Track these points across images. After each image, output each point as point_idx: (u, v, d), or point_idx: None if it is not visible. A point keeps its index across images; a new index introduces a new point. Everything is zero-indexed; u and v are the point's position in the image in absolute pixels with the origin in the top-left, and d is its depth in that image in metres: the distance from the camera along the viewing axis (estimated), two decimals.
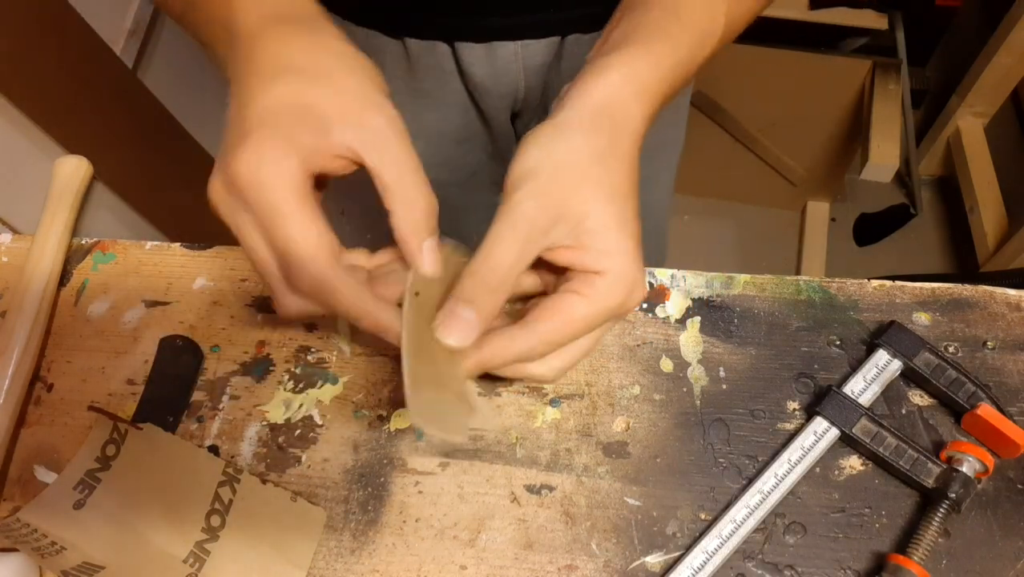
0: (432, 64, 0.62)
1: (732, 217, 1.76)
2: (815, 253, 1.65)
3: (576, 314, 0.35)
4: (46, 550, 0.38)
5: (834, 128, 1.50)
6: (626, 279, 0.35)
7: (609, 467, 0.46)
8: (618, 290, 0.35)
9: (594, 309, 0.35)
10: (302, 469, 0.46)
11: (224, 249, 0.54)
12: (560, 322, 0.35)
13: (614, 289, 0.35)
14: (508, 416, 0.47)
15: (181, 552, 0.40)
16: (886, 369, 0.46)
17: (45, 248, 0.52)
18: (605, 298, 0.35)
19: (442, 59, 0.61)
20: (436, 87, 0.64)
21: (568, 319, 0.35)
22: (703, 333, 0.50)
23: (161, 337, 0.50)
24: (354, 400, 0.48)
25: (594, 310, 0.35)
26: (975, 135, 1.59)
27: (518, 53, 0.60)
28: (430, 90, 0.64)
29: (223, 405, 0.48)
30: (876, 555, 0.43)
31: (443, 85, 0.64)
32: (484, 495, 0.45)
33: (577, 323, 0.35)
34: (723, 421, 0.47)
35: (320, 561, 0.43)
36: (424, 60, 0.61)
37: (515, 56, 0.60)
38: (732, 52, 1.39)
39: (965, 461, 0.42)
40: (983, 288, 0.50)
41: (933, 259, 1.71)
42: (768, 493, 0.43)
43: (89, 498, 0.39)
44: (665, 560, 0.43)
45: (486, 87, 0.63)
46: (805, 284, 0.51)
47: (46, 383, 0.50)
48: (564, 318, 0.35)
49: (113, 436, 0.40)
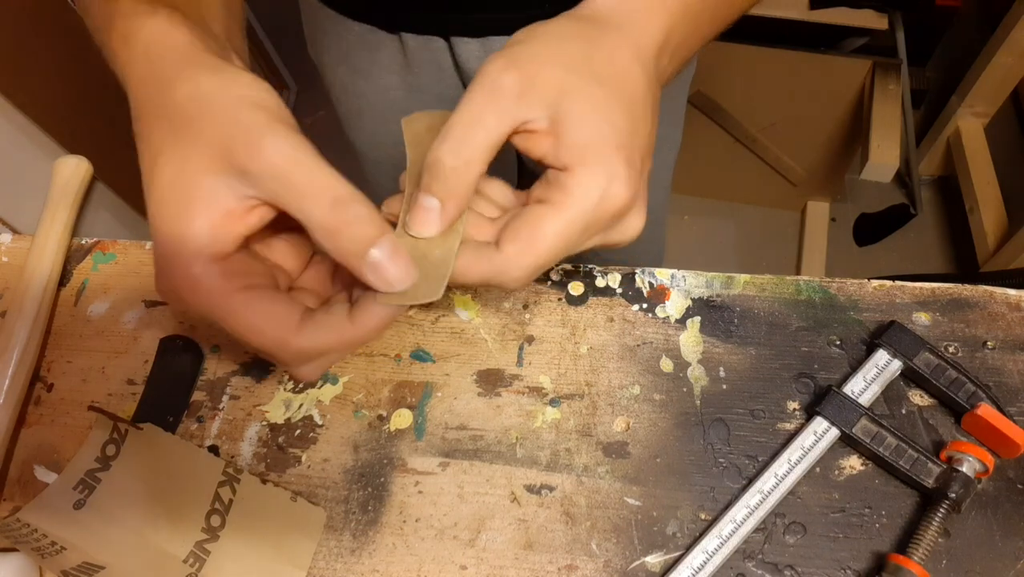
0: (428, 59, 0.62)
1: (732, 217, 1.76)
2: (815, 253, 1.65)
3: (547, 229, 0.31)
4: (46, 550, 0.38)
5: (834, 128, 1.50)
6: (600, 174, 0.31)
7: (609, 467, 0.46)
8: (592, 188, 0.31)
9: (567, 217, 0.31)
10: (302, 469, 0.46)
11: None
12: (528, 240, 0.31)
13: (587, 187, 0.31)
14: (508, 416, 0.47)
15: (181, 552, 0.40)
16: (886, 369, 0.46)
17: (45, 248, 0.52)
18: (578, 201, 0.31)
19: (438, 54, 0.61)
20: (433, 82, 0.64)
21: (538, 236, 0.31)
22: (703, 333, 0.50)
23: (161, 337, 0.50)
24: (354, 400, 0.48)
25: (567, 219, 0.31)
26: (975, 135, 1.59)
27: None
28: (427, 85, 0.64)
29: (223, 405, 0.48)
30: (876, 555, 0.43)
31: (439, 81, 0.64)
32: (484, 495, 0.45)
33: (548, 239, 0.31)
34: (723, 421, 0.47)
35: (320, 561, 0.43)
36: (420, 55, 0.61)
37: None
38: (732, 52, 1.39)
39: (965, 461, 0.42)
40: (983, 288, 0.50)
41: (933, 259, 1.71)
42: (768, 493, 0.43)
43: (89, 498, 0.39)
44: (665, 560, 0.43)
45: None
46: (805, 284, 0.51)
47: (46, 383, 0.50)
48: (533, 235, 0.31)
49: (113, 436, 0.40)
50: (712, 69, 1.42)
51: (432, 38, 0.60)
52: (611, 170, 0.31)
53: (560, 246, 0.32)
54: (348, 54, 0.64)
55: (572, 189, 0.31)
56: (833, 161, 1.59)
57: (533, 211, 0.32)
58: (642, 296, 0.51)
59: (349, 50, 0.64)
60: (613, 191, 0.31)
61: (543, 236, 0.31)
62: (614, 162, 0.31)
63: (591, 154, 0.31)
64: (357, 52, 0.63)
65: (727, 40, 1.37)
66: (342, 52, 0.65)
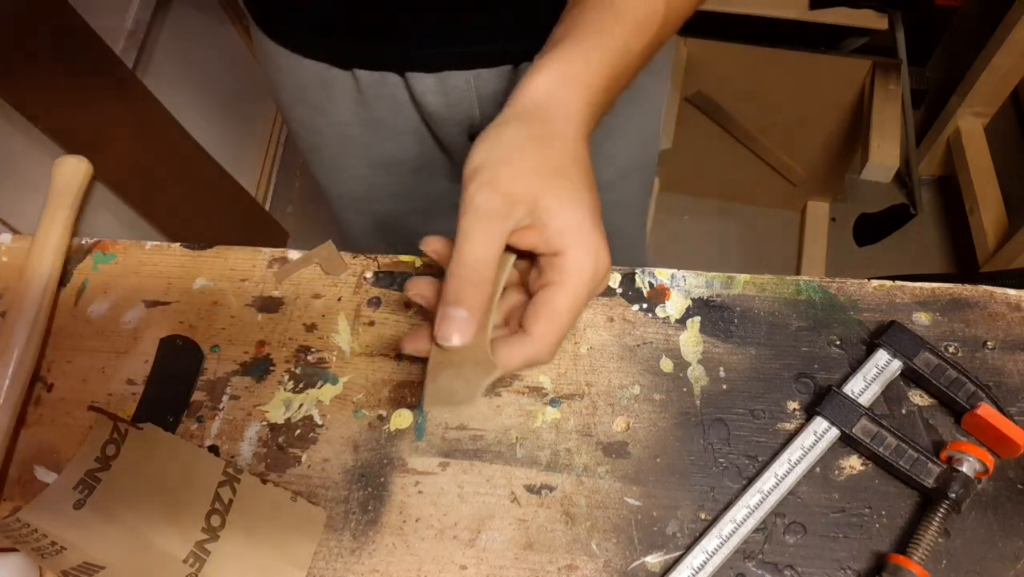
0: (384, 94, 0.62)
1: (732, 217, 1.76)
2: (815, 253, 1.65)
3: (561, 306, 0.36)
4: (46, 550, 0.38)
5: (834, 128, 1.50)
6: (587, 251, 0.37)
7: (609, 467, 0.46)
8: (585, 264, 0.37)
9: (572, 292, 0.37)
10: (302, 469, 0.46)
11: (224, 249, 0.54)
12: (549, 320, 0.36)
13: (580, 265, 0.36)
14: (508, 416, 0.47)
15: (181, 552, 0.40)
16: (886, 369, 0.46)
17: (45, 248, 0.52)
18: (576, 277, 0.37)
19: (394, 89, 0.61)
20: (389, 116, 0.64)
21: (556, 314, 0.36)
22: (703, 333, 0.50)
23: (161, 337, 0.50)
24: (354, 400, 0.48)
25: (573, 293, 0.37)
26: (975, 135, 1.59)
27: (470, 82, 0.60)
28: (383, 119, 0.64)
29: (223, 405, 0.48)
30: (876, 555, 0.43)
31: (396, 114, 0.64)
32: (484, 495, 0.45)
33: (564, 314, 0.37)
34: (723, 421, 0.47)
35: (320, 561, 0.44)
36: (375, 90, 0.61)
37: (468, 85, 0.60)
38: (732, 52, 1.39)
39: (965, 461, 0.42)
40: (983, 288, 0.50)
41: (933, 259, 1.70)
42: (768, 493, 0.43)
43: (89, 498, 0.39)
44: (665, 560, 0.43)
45: (441, 115, 0.62)
46: (805, 284, 0.51)
47: (46, 383, 0.50)
48: (551, 315, 0.36)
49: (113, 436, 0.40)
50: (712, 69, 1.42)
51: (386, 74, 0.60)
52: (594, 245, 0.37)
53: (574, 315, 0.37)
54: (304, 91, 0.64)
55: (569, 269, 0.36)
56: (833, 161, 1.59)
57: (544, 294, 0.37)
58: (642, 296, 0.51)
59: (304, 87, 0.64)
60: (601, 260, 0.37)
61: (559, 312, 0.36)
62: (593, 238, 0.37)
63: (574, 237, 0.37)
64: (312, 89, 0.63)
65: (727, 40, 1.37)
66: (298, 89, 0.65)
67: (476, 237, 0.36)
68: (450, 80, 0.59)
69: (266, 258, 0.54)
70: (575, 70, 0.39)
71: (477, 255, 0.36)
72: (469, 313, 0.36)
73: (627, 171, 0.74)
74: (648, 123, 0.74)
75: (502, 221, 0.36)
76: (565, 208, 0.37)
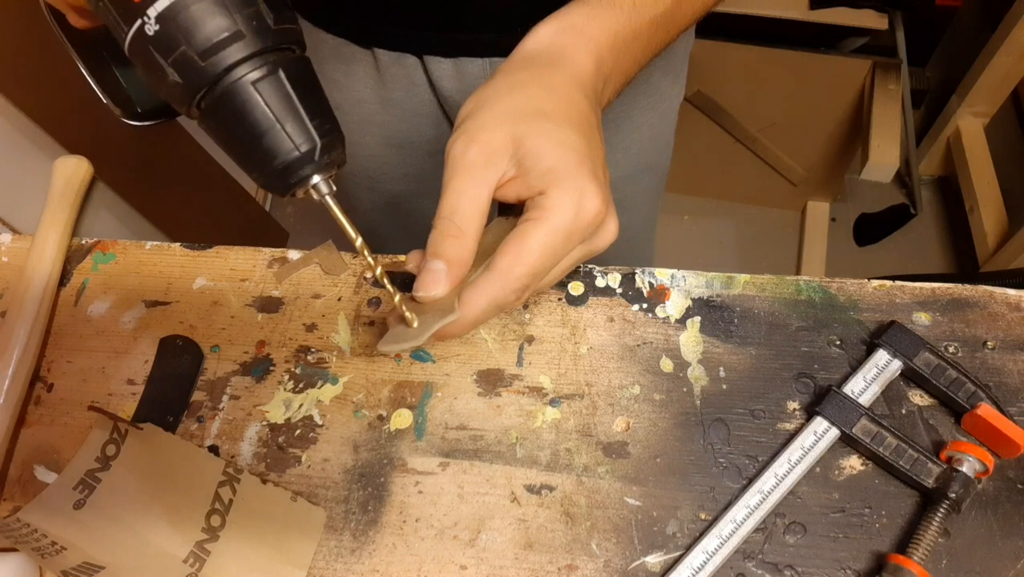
0: (401, 75, 0.62)
1: (732, 217, 1.76)
2: (815, 253, 1.65)
3: (532, 240, 0.34)
4: (46, 550, 0.38)
5: (834, 128, 1.50)
6: (569, 189, 0.34)
7: (609, 467, 0.46)
8: (565, 202, 0.34)
9: (547, 229, 0.34)
10: (302, 469, 0.46)
11: (224, 249, 0.54)
12: (515, 253, 0.35)
13: (559, 201, 0.34)
14: (508, 416, 0.47)
15: (181, 552, 0.40)
16: (886, 369, 0.46)
17: (45, 248, 0.52)
18: (554, 213, 0.34)
19: (411, 71, 0.61)
20: (406, 97, 0.64)
21: (524, 248, 0.35)
22: (703, 333, 0.50)
23: (161, 337, 0.50)
24: (354, 400, 0.48)
25: (548, 230, 0.34)
26: (975, 135, 1.59)
27: (486, 69, 0.60)
28: (400, 99, 0.65)
29: (223, 405, 0.48)
30: (876, 555, 0.43)
31: (413, 96, 0.64)
32: (484, 495, 0.45)
33: (535, 250, 0.35)
34: (723, 421, 0.47)
35: (320, 561, 0.44)
36: (393, 70, 0.62)
37: (483, 72, 0.60)
38: (732, 52, 1.39)
39: (965, 461, 0.42)
40: (983, 288, 0.50)
41: (933, 259, 1.71)
42: (768, 493, 0.43)
43: (89, 498, 0.39)
44: (665, 560, 0.43)
45: (456, 101, 0.63)
46: (805, 284, 0.51)
47: (46, 383, 0.50)
48: (519, 248, 0.35)
49: (113, 436, 0.40)
50: (712, 69, 1.42)
51: (405, 55, 0.60)
52: (580, 184, 0.35)
53: (547, 253, 0.35)
54: (322, 65, 0.65)
55: (549, 205, 0.34)
56: (833, 161, 1.59)
57: (518, 229, 0.35)
58: (642, 296, 0.51)
59: (323, 62, 0.64)
60: (587, 204, 0.35)
61: (529, 247, 0.34)
62: (581, 177, 0.35)
63: (559, 175, 0.34)
64: (331, 64, 0.64)
65: (727, 40, 1.37)
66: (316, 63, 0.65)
67: (452, 188, 0.35)
68: (466, 66, 0.59)
69: (266, 258, 0.54)
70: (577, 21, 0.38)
71: (453, 206, 0.35)
72: (447, 266, 0.35)
73: (639, 170, 0.74)
74: (663, 125, 0.73)
75: (481, 171, 0.35)
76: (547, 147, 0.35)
